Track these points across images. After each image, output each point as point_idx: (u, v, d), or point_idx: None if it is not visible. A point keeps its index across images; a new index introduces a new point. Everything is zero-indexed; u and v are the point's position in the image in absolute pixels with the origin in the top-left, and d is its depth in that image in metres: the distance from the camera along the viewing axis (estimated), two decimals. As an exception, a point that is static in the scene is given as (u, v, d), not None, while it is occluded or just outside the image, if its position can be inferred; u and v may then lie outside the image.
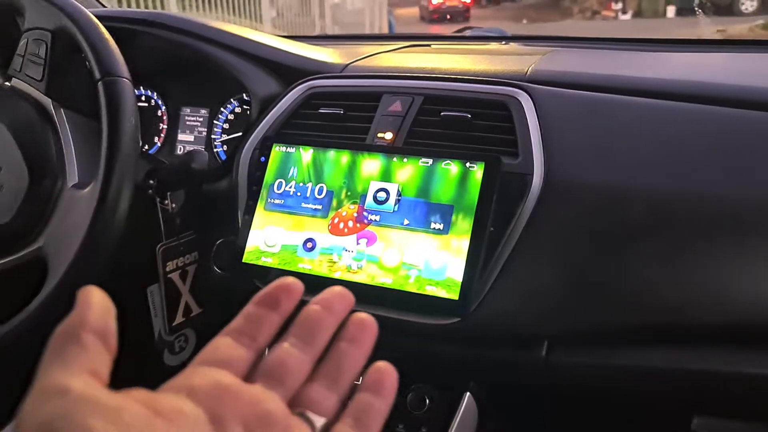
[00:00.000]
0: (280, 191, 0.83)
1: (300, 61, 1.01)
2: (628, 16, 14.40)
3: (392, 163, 0.79)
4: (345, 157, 0.81)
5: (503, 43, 1.38)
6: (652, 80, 0.85)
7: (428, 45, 1.31)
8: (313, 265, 0.79)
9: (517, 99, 0.81)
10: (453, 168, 0.76)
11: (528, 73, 0.89)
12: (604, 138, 0.77)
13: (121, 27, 1.01)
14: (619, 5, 15.00)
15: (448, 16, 15.68)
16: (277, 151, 0.85)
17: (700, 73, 0.96)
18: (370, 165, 0.80)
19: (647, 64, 1.06)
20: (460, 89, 0.85)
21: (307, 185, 0.82)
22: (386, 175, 0.79)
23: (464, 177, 0.75)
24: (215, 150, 1.08)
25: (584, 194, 0.74)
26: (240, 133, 1.01)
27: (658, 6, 13.99)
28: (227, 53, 1.01)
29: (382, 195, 0.78)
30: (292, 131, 0.91)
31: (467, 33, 1.52)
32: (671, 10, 12.66)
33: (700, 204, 0.71)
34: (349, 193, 0.80)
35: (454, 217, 0.74)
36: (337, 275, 0.77)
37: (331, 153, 0.82)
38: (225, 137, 1.07)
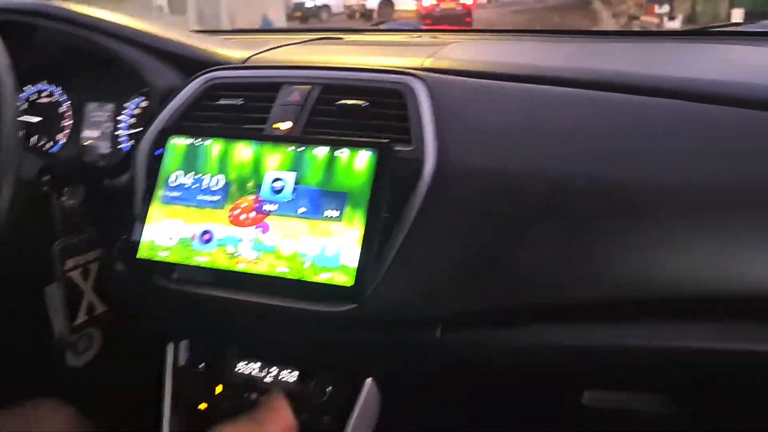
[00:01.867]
0: (177, 184, 0.82)
1: (201, 54, 1.00)
2: (676, 23, 11.07)
3: (289, 152, 0.79)
4: (243, 147, 0.81)
5: (416, 36, 1.40)
6: (546, 67, 0.88)
7: (340, 38, 1.31)
8: (210, 257, 0.78)
9: (412, 87, 0.82)
10: (347, 156, 0.76)
11: (425, 62, 0.91)
12: (497, 124, 0.79)
13: (13, 19, 0.97)
14: (665, 8, 11.96)
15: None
16: (174, 143, 0.84)
17: (600, 61, 0.99)
18: (268, 155, 0.80)
19: (550, 54, 1.10)
20: (358, 78, 0.86)
21: (204, 177, 0.81)
22: (283, 165, 0.79)
23: (358, 165, 0.76)
24: (120, 145, 1.06)
25: (477, 179, 0.76)
26: (142, 128, 1.00)
27: (718, 9, 11.46)
28: (126, 46, 0.98)
29: (278, 184, 0.78)
30: (191, 123, 0.90)
31: (382, 26, 1.54)
32: (738, 14, 9.77)
33: (594, 187, 0.73)
34: (247, 184, 0.79)
35: (348, 205, 0.75)
36: (240, 267, 0.77)
37: (229, 144, 0.81)
38: (131, 131, 1.05)
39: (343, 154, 0.77)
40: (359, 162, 0.76)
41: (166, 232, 0.80)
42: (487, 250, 0.75)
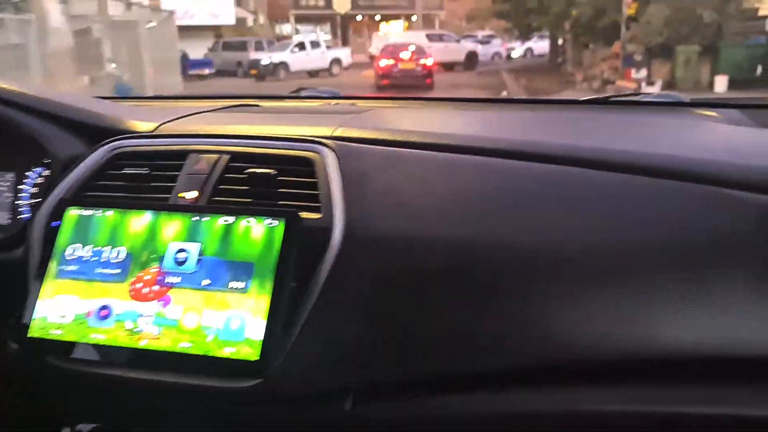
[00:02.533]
0: (74, 257, 0.78)
1: (107, 121, 0.98)
2: (655, 88, 9.99)
3: (194, 222, 0.77)
4: (146, 217, 0.78)
5: (333, 102, 1.42)
6: (450, 135, 0.90)
7: (256, 105, 1.32)
8: (107, 334, 0.74)
9: (321, 155, 0.83)
10: (254, 225, 0.75)
11: (336, 131, 0.92)
12: (402, 191, 0.80)
13: None
14: (643, 72, 11.65)
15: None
16: (73, 214, 0.80)
17: (503, 129, 1.03)
18: (172, 225, 0.77)
19: (457, 122, 1.13)
20: (267, 147, 0.86)
21: (104, 249, 0.78)
22: (187, 235, 0.77)
23: (265, 234, 0.75)
24: (20, 216, 1.01)
25: (384, 246, 0.76)
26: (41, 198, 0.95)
27: (699, 75, 11.07)
28: (24, 114, 0.95)
29: (182, 256, 0.76)
30: (93, 193, 0.87)
31: (302, 93, 1.55)
32: (722, 82, 9.34)
33: (496, 252, 0.75)
34: (149, 256, 0.77)
35: (254, 276, 0.73)
36: (142, 344, 0.73)
37: (132, 214, 0.79)
38: (32, 202, 1.00)
39: (250, 223, 0.76)
40: (266, 231, 0.75)
41: (59, 309, 0.76)
42: (396, 317, 0.75)
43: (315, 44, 20.48)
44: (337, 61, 20.55)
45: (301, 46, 20.00)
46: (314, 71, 19.70)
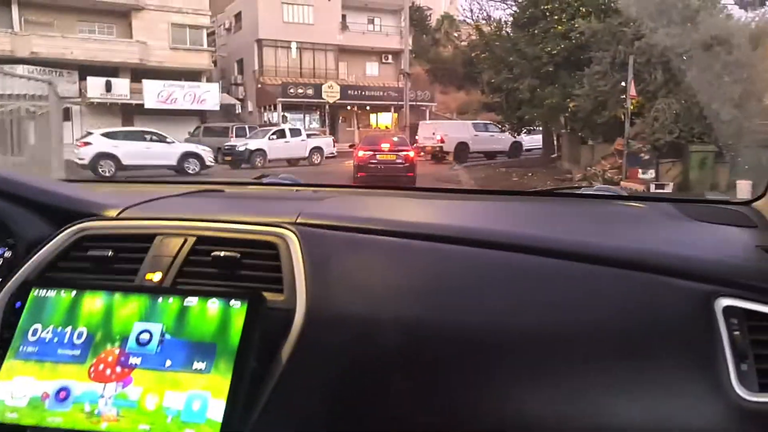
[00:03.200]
0: (35, 338, 0.78)
1: (74, 204, 1.00)
2: (668, 190, 9.67)
3: (158, 304, 0.79)
4: (109, 299, 0.80)
5: (295, 189, 1.47)
6: (403, 223, 0.96)
7: (221, 191, 1.36)
8: (65, 417, 0.73)
9: (285, 239, 0.87)
10: (217, 307, 0.77)
11: (299, 216, 0.96)
12: (361, 274, 0.84)
13: None
14: (651, 173, 10.24)
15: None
16: (36, 295, 0.81)
17: (455, 217, 1.09)
18: (135, 306, 0.79)
19: (412, 210, 1.19)
20: (232, 230, 0.89)
21: (66, 330, 0.78)
22: (151, 316, 0.78)
23: (228, 315, 0.77)
24: None
25: (344, 327, 0.79)
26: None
27: (716, 178, 9.61)
28: None
29: (145, 336, 0.77)
30: (58, 274, 0.88)
31: (264, 180, 1.60)
32: (744, 187, 7.65)
33: (446, 331, 0.78)
34: (112, 337, 0.77)
35: (217, 356, 0.74)
36: (103, 426, 0.73)
37: (95, 295, 0.80)
38: None
39: (214, 304, 0.78)
40: (229, 312, 0.77)
41: (17, 391, 0.75)
42: (356, 394, 0.77)
43: (295, 132, 19.53)
44: (317, 149, 19.38)
45: (281, 133, 19.01)
46: (294, 159, 18.44)
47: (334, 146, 20.56)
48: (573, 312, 0.78)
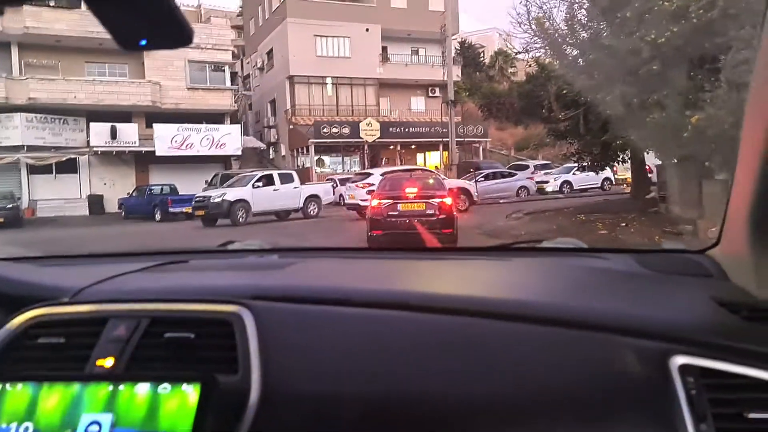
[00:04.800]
0: None
1: (24, 289, 0.98)
2: None
3: (108, 392, 0.76)
4: (57, 390, 0.77)
5: (260, 255, 1.46)
6: (361, 291, 0.95)
7: (185, 261, 1.33)
8: None
9: (240, 316, 0.85)
10: (170, 392, 0.75)
11: (257, 289, 0.95)
12: (317, 349, 0.83)
13: None
14: None
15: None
16: None
17: (414, 282, 1.08)
18: (84, 396, 0.76)
19: (377, 274, 1.18)
20: (185, 310, 0.87)
21: (10, 426, 0.75)
22: (100, 406, 0.76)
23: (181, 400, 0.75)
24: None
25: (301, 404, 0.77)
26: None
27: None
28: None
29: (94, 429, 0.74)
30: (6, 366, 0.85)
31: (229, 247, 1.59)
32: None
33: (406, 402, 0.77)
34: (60, 430, 0.75)
35: None
36: None
37: (43, 387, 0.77)
38: None
39: (166, 390, 0.76)
40: (182, 397, 0.75)
41: (-41, 495, 0.72)
42: None
43: (286, 177, 15.95)
44: (314, 198, 15.95)
45: (268, 179, 15.50)
46: (284, 212, 15.36)
47: (333, 193, 17.25)
48: (534, 377, 0.77)
